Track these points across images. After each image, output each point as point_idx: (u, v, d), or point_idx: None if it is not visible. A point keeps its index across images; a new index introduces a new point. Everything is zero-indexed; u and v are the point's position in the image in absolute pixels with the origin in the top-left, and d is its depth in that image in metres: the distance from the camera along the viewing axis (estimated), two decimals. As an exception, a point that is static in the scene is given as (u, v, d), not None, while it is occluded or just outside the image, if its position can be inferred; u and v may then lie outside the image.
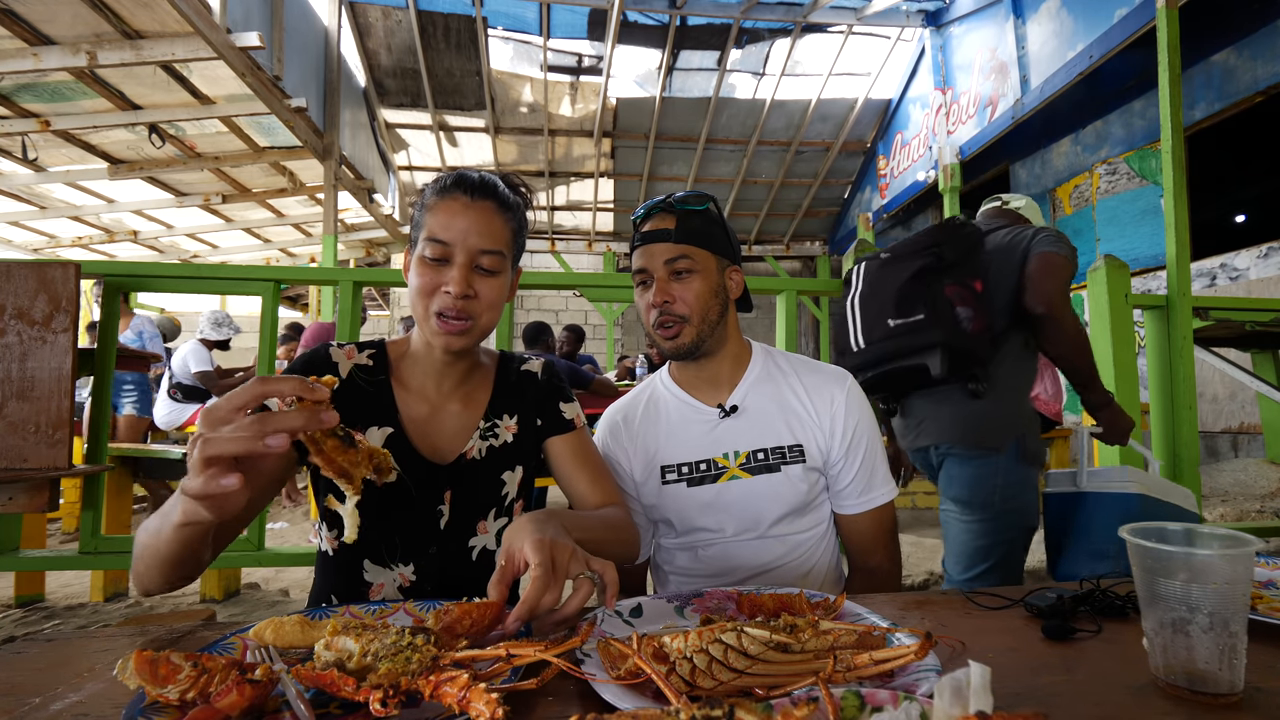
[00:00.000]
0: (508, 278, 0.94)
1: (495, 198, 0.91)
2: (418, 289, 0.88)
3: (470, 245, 0.87)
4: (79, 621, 2.64)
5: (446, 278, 0.87)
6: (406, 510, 0.92)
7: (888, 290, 1.63)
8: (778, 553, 1.09)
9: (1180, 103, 2.56)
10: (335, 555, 0.92)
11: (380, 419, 0.92)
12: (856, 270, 1.76)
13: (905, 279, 1.60)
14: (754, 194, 9.60)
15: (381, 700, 0.49)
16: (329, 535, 0.93)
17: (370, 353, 0.98)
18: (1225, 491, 3.80)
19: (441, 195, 0.90)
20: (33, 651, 0.69)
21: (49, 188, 6.55)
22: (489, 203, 0.90)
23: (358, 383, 0.94)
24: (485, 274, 0.89)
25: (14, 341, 1.96)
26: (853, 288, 1.74)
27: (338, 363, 0.95)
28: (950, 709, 0.37)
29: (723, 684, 0.54)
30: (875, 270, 1.69)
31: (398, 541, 0.92)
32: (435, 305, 0.87)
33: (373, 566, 0.91)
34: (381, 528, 0.91)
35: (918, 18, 7.06)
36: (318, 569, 0.98)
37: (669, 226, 1.08)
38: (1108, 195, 5.42)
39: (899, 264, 1.64)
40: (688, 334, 1.07)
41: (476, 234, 0.88)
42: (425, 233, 0.89)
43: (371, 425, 0.92)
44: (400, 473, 0.90)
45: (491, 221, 0.89)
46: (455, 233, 0.87)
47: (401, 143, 8.37)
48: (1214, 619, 0.53)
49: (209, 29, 3.79)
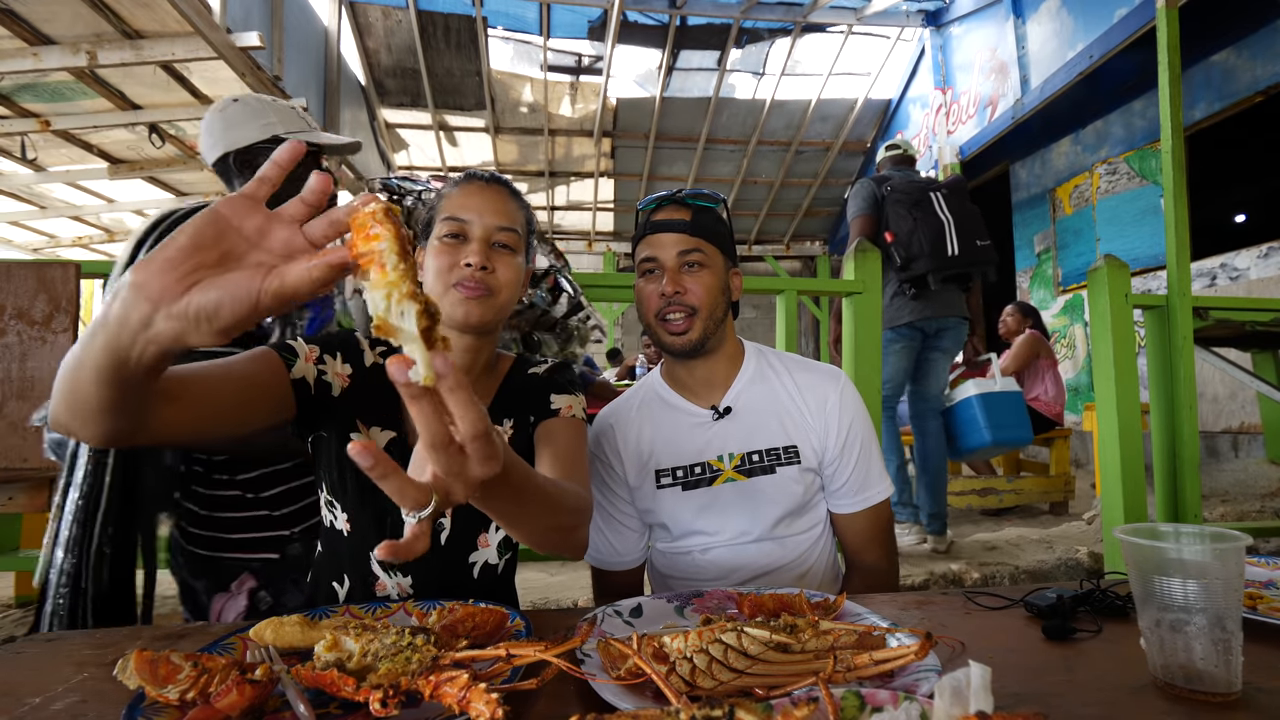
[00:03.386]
0: (523, 261, 0.94)
1: (508, 187, 0.95)
2: (436, 270, 0.88)
3: (488, 221, 0.89)
4: (79, 621, 2.63)
5: (465, 252, 0.88)
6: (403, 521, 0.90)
7: (974, 219, 2.82)
8: (775, 555, 1.08)
9: (1180, 103, 2.55)
10: (349, 536, 0.91)
11: (385, 421, 0.91)
12: (935, 197, 2.84)
13: (979, 213, 2.85)
14: (754, 194, 9.59)
15: (381, 700, 0.49)
16: (343, 516, 0.91)
17: (382, 350, 0.97)
18: (1225, 491, 3.80)
19: (455, 185, 0.93)
20: (33, 651, 0.69)
21: (49, 187, 6.54)
22: (503, 189, 0.94)
23: (372, 378, 0.93)
24: (503, 250, 0.90)
25: (14, 341, 1.96)
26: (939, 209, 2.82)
27: (364, 351, 0.95)
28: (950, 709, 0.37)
29: (723, 684, 0.54)
30: (955, 201, 2.84)
31: None
32: (454, 278, 0.87)
33: (378, 566, 0.91)
34: (379, 539, 0.88)
35: (918, 18, 7.05)
36: (325, 544, 0.95)
37: (684, 218, 1.07)
38: (1108, 195, 5.42)
39: (967, 200, 2.89)
40: (696, 327, 1.05)
41: (493, 212, 0.90)
42: (442, 216, 0.90)
43: (375, 427, 0.91)
44: None
45: (507, 203, 0.93)
46: (472, 211, 0.89)
47: (401, 143, 8.37)
48: (1208, 616, 0.53)
49: (209, 29, 3.79)
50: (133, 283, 0.45)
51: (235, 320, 0.45)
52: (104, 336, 0.47)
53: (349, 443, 0.43)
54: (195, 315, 0.45)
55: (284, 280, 0.45)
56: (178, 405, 0.64)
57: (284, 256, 0.47)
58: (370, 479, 0.46)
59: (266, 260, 0.47)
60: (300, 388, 0.85)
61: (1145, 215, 5.08)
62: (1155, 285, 4.89)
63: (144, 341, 0.47)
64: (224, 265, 0.46)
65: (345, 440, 0.89)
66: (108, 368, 0.49)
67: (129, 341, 0.47)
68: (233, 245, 0.47)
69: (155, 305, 0.45)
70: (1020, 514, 4.04)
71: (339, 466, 0.90)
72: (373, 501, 0.90)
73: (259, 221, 0.47)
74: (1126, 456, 2.29)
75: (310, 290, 0.45)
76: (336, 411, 0.90)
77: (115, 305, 0.46)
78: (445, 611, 0.67)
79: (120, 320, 0.46)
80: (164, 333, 0.46)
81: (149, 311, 0.45)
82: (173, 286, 0.45)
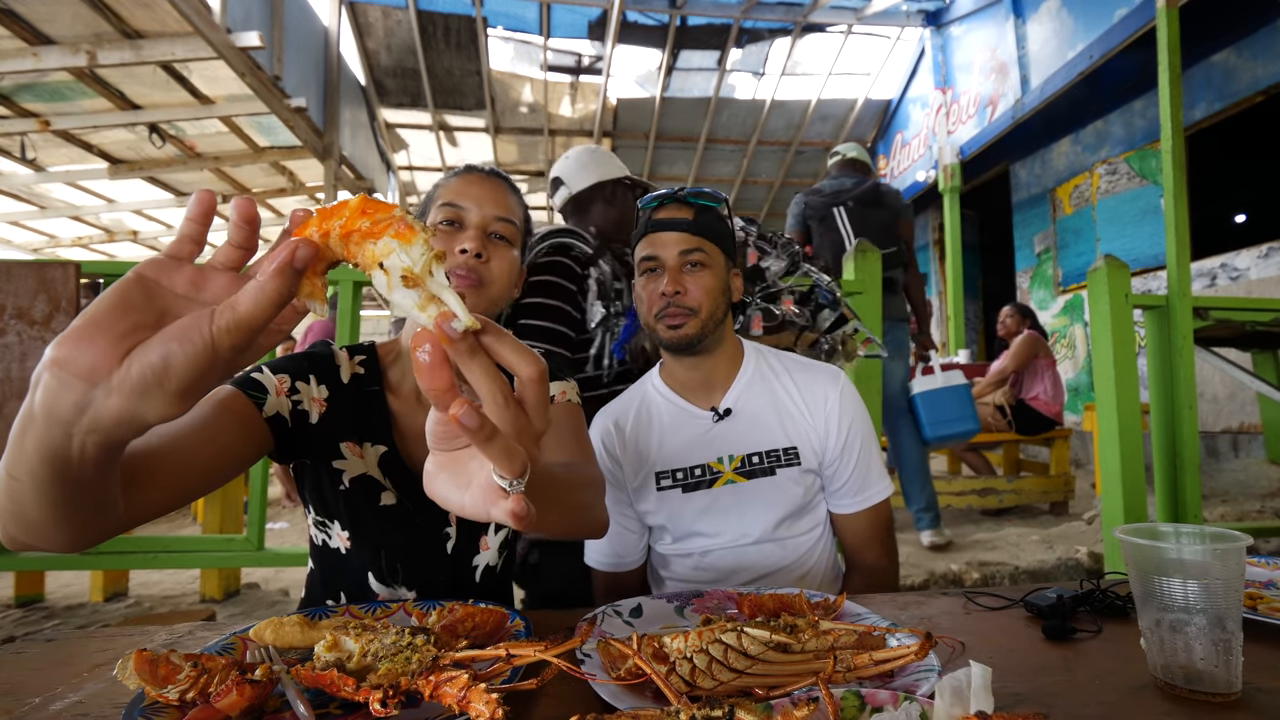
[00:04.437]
0: (519, 256, 0.92)
1: (507, 181, 0.94)
2: None
3: (485, 210, 0.88)
4: (79, 621, 2.63)
5: (460, 239, 0.85)
6: (408, 534, 0.87)
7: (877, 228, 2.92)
8: (775, 556, 1.08)
9: (1180, 103, 2.55)
10: (348, 553, 0.87)
11: (373, 435, 0.87)
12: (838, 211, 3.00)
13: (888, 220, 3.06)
14: (754, 194, 9.59)
15: (381, 700, 0.49)
16: (342, 534, 0.87)
17: (361, 359, 0.91)
18: (1225, 491, 3.80)
19: (453, 176, 0.91)
20: (33, 651, 0.69)
21: (49, 188, 6.54)
22: (502, 182, 0.93)
23: (352, 393, 0.88)
24: (499, 242, 0.88)
25: (14, 341, 1.96)
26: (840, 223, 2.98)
27: (340, 366, 0.89)
28: (950, 709, 0.37)
29: (723, 684, 0.54)
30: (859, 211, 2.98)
31: (399, 568, 0.88)
32: (446, 265, 0.84)
33: (376, 582, 0.88)
34: (383, 555, 0.87)
35: (918, 18, 7.05)
36: (318, 562, 0.92)
37: (686, 217, 1.06)
38: (1108, 195, 5.42)
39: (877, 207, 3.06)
40: (693, 326, 1.05)
41: (491, 202, 0.88)
42: (438, 203, 0.88)
43: (365, 442, 0.86)
44: (400, 495, 0.86)
45: (505, 195, 0.91)
46: (470, 199, 0.88)
47: (401, 143, 8.37)
48: (1208, 616, 0.53)
49: (209, 29, 3.79)
50: (53, 360, 0.36)
51: (192, 375, 0.36)
52: (33, 436, 0.38)
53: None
54: (141, 381, 0.35)
55: (236, 311, 0.36)
56: (148, 487, 0.57)
57: None
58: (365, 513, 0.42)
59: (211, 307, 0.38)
60: (276, 424, 0.79)
61: (1145, 215, 5.08)
62: (1155, 285, 4.89)
63: (83, 432, 0.37)
64: (162, 324, 0.37)
65: (329, 466, 0.85)
66: (47, 476, 0.40)
67: (63, 436, 0.38)
68: (168, 304, 0.38)
69: (89, 382, 0.36)
70: (1020, 514, 4.04)
71: (330, 489, 0.86)
72: (368, 521, 0.87)
73: (189, 274, 0.39)
74: (1126, 456, 2.29)
75: (273, 310, 0.37)
76: (316, 440, 0.85)
77: (38, 394, 0.37)
78: (445, 611, 0.67)
79: (48, 412, 0.37)
80: (107, 415, 0.36)
81: (83, 392, 0.36)
82: (106, 353, 0.35)
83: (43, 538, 0.46)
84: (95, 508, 0.45)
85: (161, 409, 0.37)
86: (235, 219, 0.40)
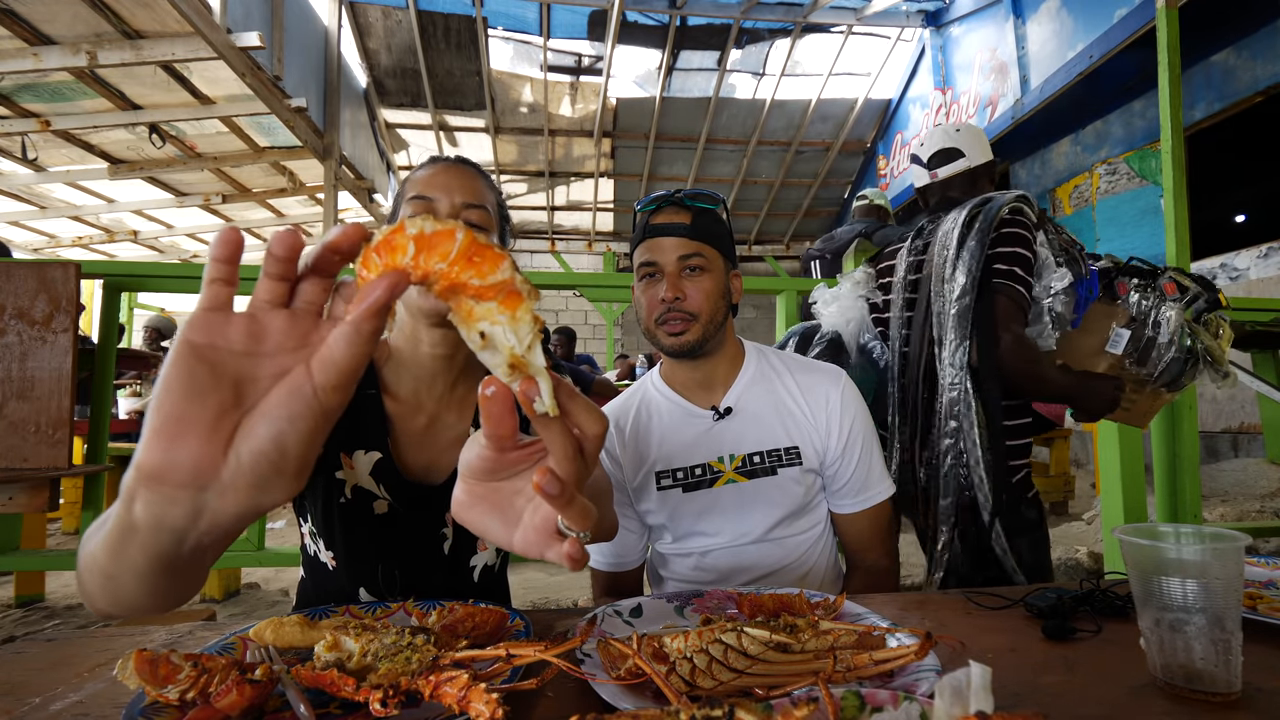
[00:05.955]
0: (496, 241, 0.91)
1: (475, 167, 0.92)
2: None
3: (454, 198, 0.86)
4: (79, 621, 2.64)
5: None
6: (402, 540, 0.86)
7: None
8: (776, 556, 1.08)
9: (1180, 103, 2.55)
10: (334, 571, 0.87)
11: (368, 442, 0.85)
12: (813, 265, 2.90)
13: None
14: (754, 194, 9.60)
15: (381, 700, 0.48)
16: (327, 553, 0.87)
17: None
18: (1225, 491, 3.80)
19: (421, 168, 0.90)
20: (33, 651, 0.69)
21: (49, 188, 6.54)
22: (470, 169, 0.91)
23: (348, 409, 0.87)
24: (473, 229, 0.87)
25: (14, 341, 1.96)
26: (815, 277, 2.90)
27: None
28: (950, 709, 0.37)
29: (723, 684, 0.54)
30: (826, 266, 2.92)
31: (397, 576, 0.87)
32: None
33: (368, 596, 0.87)
34: (379, 565, 0.86)
35: (918, 18, 7.06)
36: (309, 573, 0.92)
37: (684, 221, 1.06)
38: (1108, 195, 5.42)
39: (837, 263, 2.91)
40: (694, 331, 1.04)
41: (459, 189, 0.87)
42: (408, 196, 0.87)
43: (359, 449, 0.85)
44: (392, 502, 0.86)
45: (473, 180, 0.89)
46: (438, 188, 0.86)
47: (401, 143, 8.37)
48: (1208, 616, 0.53)
49: (209, 29, 3.79)
50: (146, 475, 0.33)
51: (310, 449, 0.34)
52: (139, 545, 0.36)
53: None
54: (255, 473, 0.33)
55: (337, 364, 0.33)
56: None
57: (303, 343, 0.35)
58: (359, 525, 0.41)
59: (291, 357, 0.35)
60: None
61: (1145, 215, 5.08)
62: (1155, 285, 4.90)
63: (198, 534, 0.35)
64: (246, 396, 0.34)
65: (329, 480, 0.85)
66: (155, 571, 0.38)
67: (175, 543, 0.36)
68: (238, 369, 0.34)
69: (196, 488, 0.33)
70: (1020, 514, 4.04)
71: (322, 508, 0.86)
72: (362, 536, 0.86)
73: (241, 326, 0.34)
74: (1126, 456, 2.29)
75: (370, 351, 0.34)
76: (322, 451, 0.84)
77: (138, 509, 0.34)
78: (445, 611, 0.67)
79: (156, 525, 0.35)
80: (225, 516, 0.34)
81: (192, 500, 0.34)
82: (205, 452, 0.33)
83: (137, 610, 0.44)
84: (199, 576, 0.44)
85: (283, 494, 0.35)
86: (279, 252, 0.35)
